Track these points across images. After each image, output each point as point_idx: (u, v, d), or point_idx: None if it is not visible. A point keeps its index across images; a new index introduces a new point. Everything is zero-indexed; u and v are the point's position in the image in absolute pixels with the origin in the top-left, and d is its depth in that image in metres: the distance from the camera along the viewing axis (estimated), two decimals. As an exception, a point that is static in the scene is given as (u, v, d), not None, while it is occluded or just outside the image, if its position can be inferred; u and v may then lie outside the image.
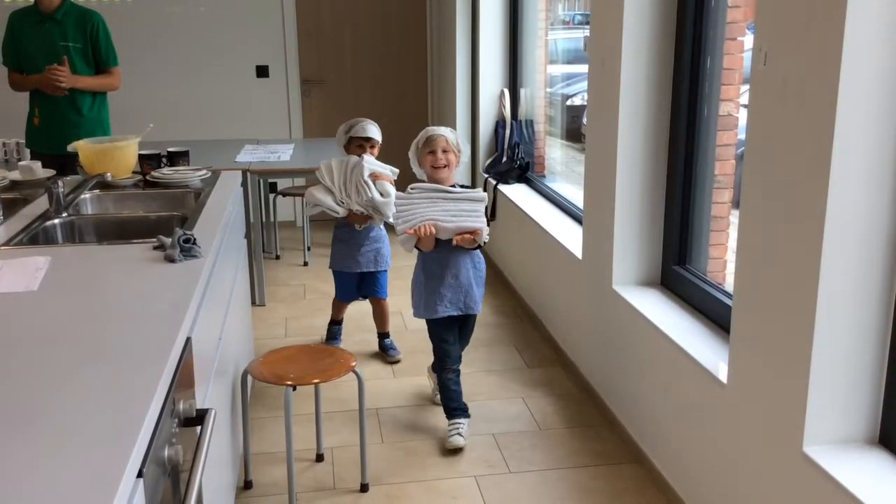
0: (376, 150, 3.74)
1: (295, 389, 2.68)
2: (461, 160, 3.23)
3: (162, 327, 1.69)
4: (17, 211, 2.77)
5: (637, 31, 2.98)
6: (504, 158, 5.26)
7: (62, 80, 4.06)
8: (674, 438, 2.74)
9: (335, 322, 4.11)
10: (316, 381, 2.70)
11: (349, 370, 2.72)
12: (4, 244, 2.37)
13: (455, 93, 5.77)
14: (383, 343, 4.02)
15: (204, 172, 3.35)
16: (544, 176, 5.20)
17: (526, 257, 4.59)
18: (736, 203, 2.64)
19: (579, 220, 3.88)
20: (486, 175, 5.28)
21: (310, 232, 5.82)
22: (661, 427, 2.83)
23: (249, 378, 2.80)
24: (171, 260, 2.16)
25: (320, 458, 3.06)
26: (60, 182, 2.77)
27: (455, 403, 3.21)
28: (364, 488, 2.86)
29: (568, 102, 5.89)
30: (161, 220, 2.80)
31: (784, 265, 2.04)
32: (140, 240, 2.39)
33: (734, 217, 2.73)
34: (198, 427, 1.69)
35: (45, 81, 4.08)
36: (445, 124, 3.46)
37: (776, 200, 2.06)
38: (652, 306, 2.98)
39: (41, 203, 2.84)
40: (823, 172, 1.86)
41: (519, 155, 5.16)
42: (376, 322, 4.02)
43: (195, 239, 2.23)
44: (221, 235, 2.58)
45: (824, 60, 1.84)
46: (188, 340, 1.76)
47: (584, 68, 3.48)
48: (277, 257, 5.69)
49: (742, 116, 2.71)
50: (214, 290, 2.32)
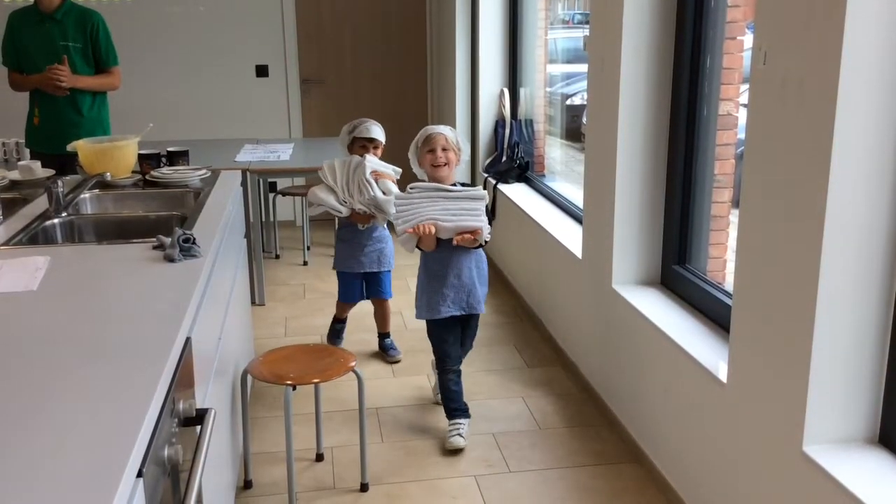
0: (380, 151, 3.74)
1: (295, 389, 2.68)
2: (461, 158, 3.21)
3: (162, 327, 1.69)
4: (17, 211, 2.76)
5: (637, 31, 2.98)
6: (504, 158, 5.25)
7: (63, 80, 4.07)
8: (674, 438, 2.74)
9: (339, 320, 4.09)
10: (316, 381, 2.70)
11: (349, 370, 2.72)
12: (4, 244, 2.37)
13: (455, 92, 5.77)
14: (383, 343, 4.01)
15: (203, 172, 3.35)
16: (544, 175, 5.20)
17: (526, 257, 4.59)
18: (736, 202, 2.64)
19: (579, 220, 3.88)
20: (486, 174, 5.28)
21: (309, 231, 5.82)
22: (661, 426, 2.83)
23: (249, 378, 2.79)
24: (171, 259, 2.16)
25: (320, 458, 3.06)
26: (60, 182, 2.77)
27: (455, 404, 3.20)
28: (364, 488, 2.86)
29: (567, 102, 5.89)
30: (161, 220, 2.80)
31: (784, 264, 2.04)
32: (139, 239, 2.39)
33: (734, 216, 2.73)
34: (198, 427, 1.69)
35: (46, 81, 4.08)
36: (445, 124, 3.45)
37: (776, 200, 2.06)
38: (652, 306, 2.98)
39: (41, 203, 2.84)
40: (823, 172, 1.86)
41: (519, 154, 5.16)
42: (377, 322, 4.02)
43: (195, 238, 2.23)
44: (221, 235, 2.58)
45: (824, 60, 1.83)
46: (188, 340, 1.76)
47: (584, 68, 3.48)
48: (277, 257, 5.69)
49: (742, 116, 2.71)
50: (214, 290, 2.31)
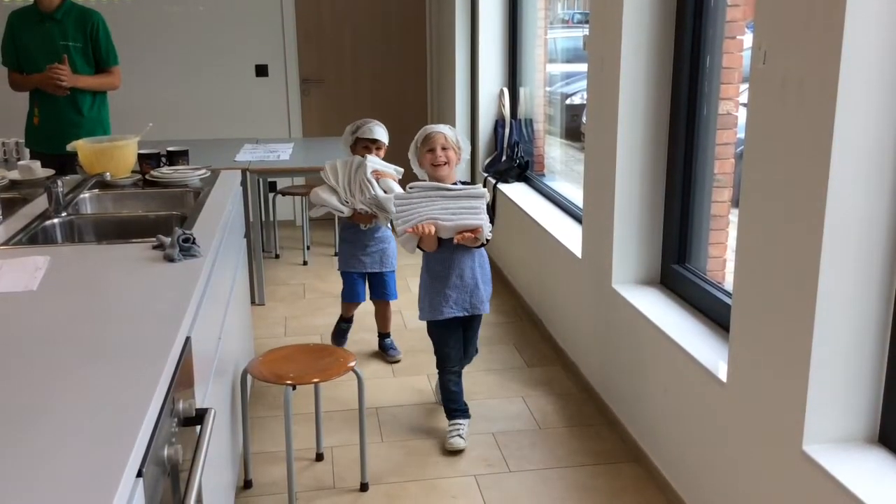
0: (382, 152, 3.74)
1: (295, 389, 2.68)
2: (462, 157, 3.20)
3: (161, 327, 1.69)
4: (17, 210, 2.76)
5: (636, 30, 2.98)
6: (503, 157, 5.25)
7: (63, 80, 4.06)
8: (673, 437, 2.74)
9: (345, 320, 4.08)
10: (315, 381, 2.70)
11: (349, 370, 2.72)
12: (4, 244, 2.37)
13: (455, 92, 5.77)
14: (383, 343, 4.01)
15: (203, 172, 3.35)
16: (544, 175, 5.20)
17: (526, 256, 4.59)
18: (735, 202, 2.64)
19: (579, 219, 3.87)
20: (486, 174, 5.28)
21: (309, 231, 5.82)
22: (661, 426, 2.83)
23: (249, 377, 2.79)
24: (171, 259, 2.16)
25: (320, 458, 3.06)
26: (60, 182, 2.77)
27: (455, 404, 3.20)
28: (364, 487, 2.86)
29: (567, 101, 5.88)
30: (160, 220, 2.80)
31: (784, 264, 2.04)
32: (139, 239, 2.39)
33: (734, 216, 2.73)
34: (197, 426, 1.69)
35: (46, 81, 4.08)
36: (445, 123, 3.45)
37: (776, 199, 2.06)
38: (652, 305, 2.98)
39: (40, 203, 2.83)
40: (823, 171, 1.86)
41: (518, 154, 5.16)
42: (378, 322, 4.02)
43: (194, 238, 2.23)
44: (221, 235, 2.58)
45: (824, 59, 1.83)
46: (188, 340, 1.76)
47: (584, 67, 3.48)
48: (277, 256, 5.69)
49: (741, 115, 2.71)
50: (214, 290, 2.31)
